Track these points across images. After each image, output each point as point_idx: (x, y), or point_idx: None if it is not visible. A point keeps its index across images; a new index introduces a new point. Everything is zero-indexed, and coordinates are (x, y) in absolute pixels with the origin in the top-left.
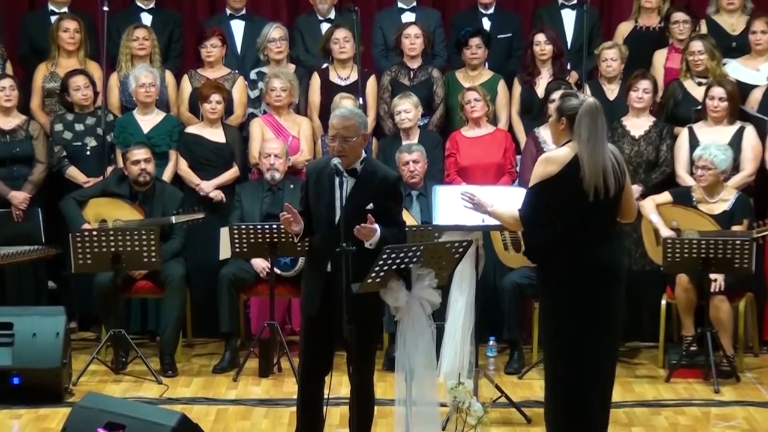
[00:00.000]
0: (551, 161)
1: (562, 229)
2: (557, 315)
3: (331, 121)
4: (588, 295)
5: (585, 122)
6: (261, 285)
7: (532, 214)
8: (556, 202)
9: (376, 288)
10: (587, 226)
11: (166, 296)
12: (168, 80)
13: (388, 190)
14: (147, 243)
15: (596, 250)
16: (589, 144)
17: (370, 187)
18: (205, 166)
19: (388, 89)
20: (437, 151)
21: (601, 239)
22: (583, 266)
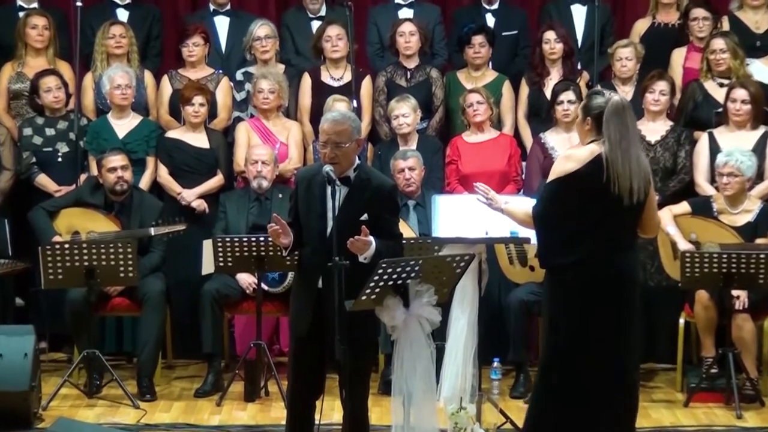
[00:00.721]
0: (571, 158)
1: (574, 230)
2: (557, 325)
3: (321, 126)
4: (595, 305)
5: (614, 123)
6: (247, 302)
7: (546, 212)
8: (572, 201)
9: (371, 305)
10: (602, 230)
11: (144, 314)
12: (147, 81)
13: (384, 200)
14: (123, 257)
15: (609, 258)
16: (622, 145)
17: (364, 197)
18: (186, 174)
19: (384, 91)
20: (437, 157)
21: (616, 247)
22: (593, 274)
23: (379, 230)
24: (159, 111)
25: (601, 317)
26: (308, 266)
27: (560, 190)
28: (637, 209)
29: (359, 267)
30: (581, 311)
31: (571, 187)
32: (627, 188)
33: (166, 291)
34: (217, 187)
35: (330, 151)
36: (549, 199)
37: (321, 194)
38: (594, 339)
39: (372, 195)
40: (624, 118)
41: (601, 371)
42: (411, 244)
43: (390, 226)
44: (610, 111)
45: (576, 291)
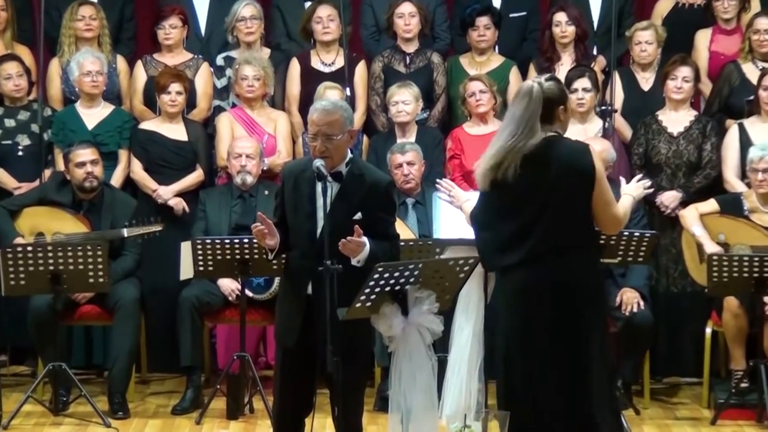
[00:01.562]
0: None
1: (507, 232)
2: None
3: (310, 116)
4: (528, 316)
5: (511, 106)
6: (229, 310)
7: (478, 211)
8: (504, 199)
9: (366, 314)
10: (538, 231)
11: (116, 323)
12: (119, 67)
13: (379, 197)
14: (93, 260)
15: (546, 262)
16: (500, 129)
17: (357, 194)
18: (163, 169)
19: (381, 78)
20: (438, 150)
21: (551, 249)
22: (525, 279)
23: (374, 231)
24: (132, 100)
25: (535, 333)
26: (296, 271)
27: (488, 193)
28: (568, 204)
29: (352, 271)
30: (514, 321)
31: (494, 186)
32: (497, 177)
33: (140, 298)
34: (196, 184)
35: (320, 144)
36: (480, 198)
37: (310, 191)
38: (528, 362)
39: (366, 192)
40: (521, 103)
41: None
42: (410, 246)
43: (386, 227)
44: (516, 95)
45: (511, 298)
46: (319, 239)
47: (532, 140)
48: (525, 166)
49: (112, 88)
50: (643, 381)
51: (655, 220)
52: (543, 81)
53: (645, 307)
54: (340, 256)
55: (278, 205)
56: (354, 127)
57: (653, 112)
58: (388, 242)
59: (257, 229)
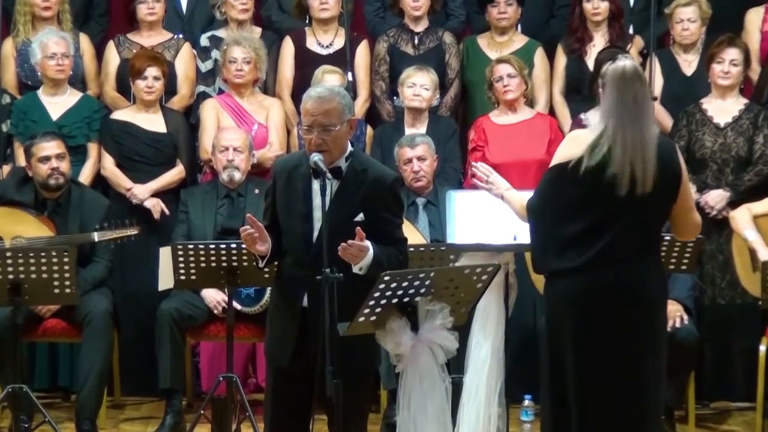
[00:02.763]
0: (577, 140)
1: (572, 230)
2: (547, 345)
3: (304, 105)
4: (585, 329)
5: (608, 91)
6: (215, 325)
7: (541, 204)
8: (573, 194)
9: (370, 329)
10: (608, 233)
11: (85, 340)
12: (84, 48)
13: (384, 196)
14: (59, 268)
15: (612, 267)
16: (612, 119)
17: (359, 192)
18: (138, 165)
19: (386, 60)
20: (452, 143)
21: (622, 253)
22: (586, 287)
23: (378, 234)
24: (103, 86)
25: (592, 346)
26: (290, 280)
27: (560, 179)
28: (652, 205)
29: (354, 280)
30: (568, 335)
31: (573, 177)
32: (623, 174)
33: (112, 311)
34: (176, 181)
35: (316, 136)
36: (544, 188)
37: (305, 190)
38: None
39: (369, 190)
40: (623, 88)
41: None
42: (420, 251)
43: (391, 229)
44: (609, 77)
45: (565, 307)
46: (316, 244)
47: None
48: None
49: (75, 73)
50: (687, 406)
51: None
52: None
53: (689, 321)
54: (339, 263)
55: (269, 205)
56: (354, 116)
57: (697, 100)
58: (394, 247)
59: (246, 232)
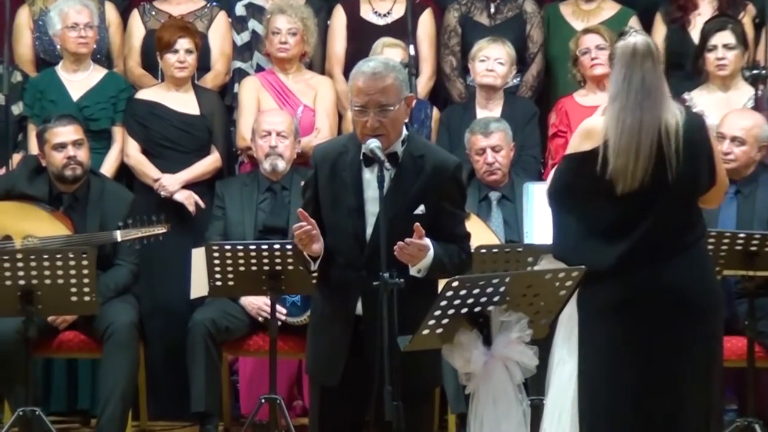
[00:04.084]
0: (589, 133)
1: (599, 226)
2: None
3: (355, 83)
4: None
5: (615, 72)
6: (255, 338)
7: (562, 193)
8: (589, 192)
9: (435, 343)
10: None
11: (107, 356)
12: (110, 18)
13: (445, 184)
14: (76, 273)
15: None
16: (616, 104)
17: (417, 181)
18: (167, 152)
19: (457, 32)
20: (530, 128)
21: (656, 252)
22: (622, 293)
23: (438, 229)
24: (126, 62)
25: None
26: (340, 285)
27: (572, 173)
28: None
29: (414, 285)
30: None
31: (585, 173)
32: (622, 168)
33: (138, 322)
34: (211, 171)
35: (372, 118)
36: (564, 178)
37: (354, 180)
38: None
39: (429, 178)
40: (631, 68)
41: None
42: (494, 254)
43: (454, 223)
44: (618, 55)
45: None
46: (371, 243)
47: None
48: None
49: (100, 47)
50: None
51: None
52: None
53: None
54: (395, 264)
55: (309, 200)
56: (412, 94)
57: None
58: (456, 245)
59: (303, 230)
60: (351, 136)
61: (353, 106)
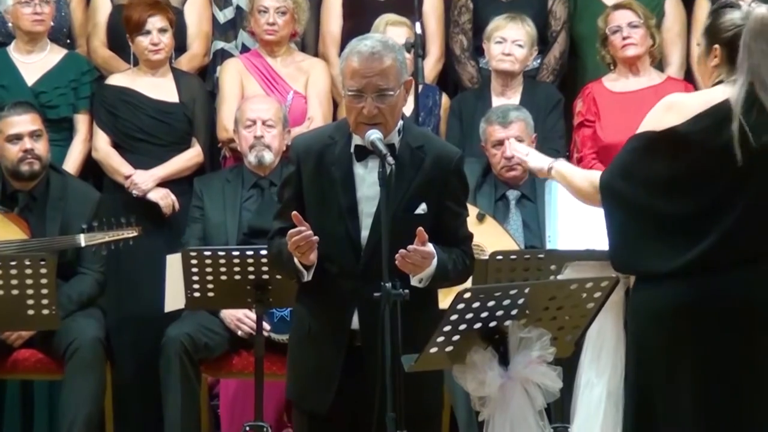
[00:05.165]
0: (674, 107)
1: (669, 217)
2: (634, 367)
3: (349, 65)
4: (700, 350)
5: (759, 47)
6: (239, 357)
7: (622, 181)
8: (669, 173)
9: (445, 363)
10: (721, 225)
11: (69, 377)
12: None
13: (447, 179)
14: (34, 283)
15: (731, 272)
16: (755, 77)
17: (417, 176)
18: (141, 145)
19: (468, 7)
20: (553, 116)
21: (746, 253)
22: (700, 296)
23: (440, 230)
24: (90, 42)
25: (710, 370)
26: (331, 297)
27: (649, 152)
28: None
29: (418, 296)
30: (672, 357)
31: (668, 152)
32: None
33: (104, 339)
34: (192, 167)
35: (370, 104)
36: (628, 161)
37: (345, 177)
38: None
39: (429, 172)
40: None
41: None
42: (511, 260)
43: (456, 224)
44: (754, 30)
45: (667, 322)
46: (367, 247)
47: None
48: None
49: (60, 24)
50: None
51: None
52: None
53: None
54: (395, 272)
55: (290, 200)
56: (410, 78)
57: None
58: (459, 249)
59: (302, 236)
60: (338, 126)
61: (347, 91)
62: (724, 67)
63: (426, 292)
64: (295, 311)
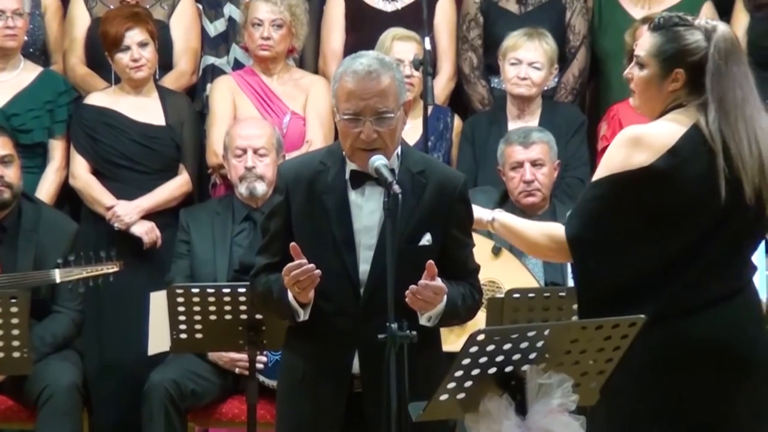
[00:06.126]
0: (642, 142)
1: (645, 263)
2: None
3: (343, 85)
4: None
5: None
6: (229, 404)
7: (594, 233)
8: (645, 216)
9: (455, 412)
10: (698, 263)
11: (42, 427)
12: (46, 4)
13: (452, 206)
14: (4, 323)
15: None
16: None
17: (419, 203)
18: (125, 173)
19: (478, 21)
20: (576, 140)
21: (723, 291)
22: (681, 342)
23: (447, 263)
24: (67, 58)
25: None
26: (328, 338)
27: (619, 197)
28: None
29: (425, 336)
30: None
31: (641, 193)
32: (752, 183)
33: (82, 385)
34: (179, 197)
35: (368, 128)
36: (596, 210)
37: (339, 206)
38: None
39: (432, 199)
40: (743, 62)
41: None
42: (530, 299)
43: (464, 255)
44: (725, 51)
45: (655, 370)
46: (368, 284)
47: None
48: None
49: (34, 38)
50: None
51: None
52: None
53: None
54: (404, 311)
55: (277, 232)
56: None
57: None
58: (467, 282)
59: (302, 270)
60: (330, 150)
61: (342, 115)
62: (683, 91)
63: (429, 330)
64: (285, 356)
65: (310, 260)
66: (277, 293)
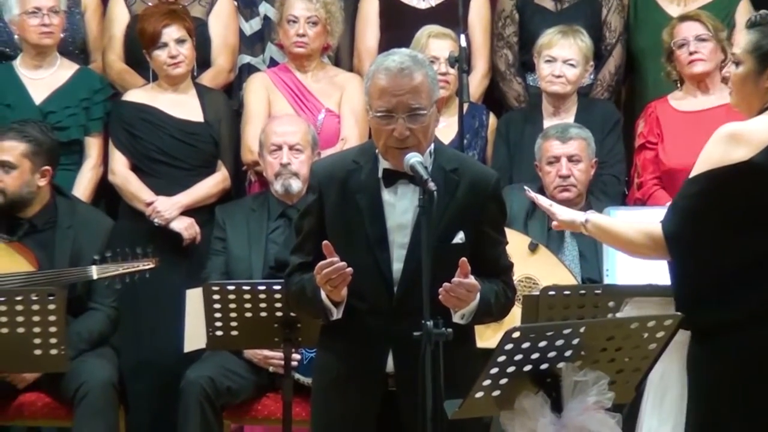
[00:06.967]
0: (740, 137)
1: (746, 264)
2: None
3: (377, 83)
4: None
5: None
6: (265, 402)
7: (691, 229)
8: (739, 211)
9: (491, 410)
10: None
11: (79, 424)
12: (86, 2)
13: (486, 204)
14: (41, 320)
15: None
16: None
17: (452, 201)
18: (164, 169)
19: (514, 19)
20: (612, 138)
21: None
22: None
23: (480, 261)
24: (106, 55)
25: None
26: (362, 337)
27: (718, 192)
28: None
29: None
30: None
31: (740, 188)
32: None
33: (118, 382)
34: (218, 193)
35: (401, 125)
36: (695, 208)
37: (373, 205)
38: None
39: (466, 197)
40: None
41: None
42: (566, 296)
43: (497, 253)
44: None
45: (748, 373)
46: (402, 282)
47: None
48: None
49: (74, 36)
50: None
51: None
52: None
53: None
54: (438, 308)
55: (311, 231)
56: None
57: None
58: (500, 280)
59: (334, 267)
60: (362, 149)
61: (375, 112)
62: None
63: (463, 327)
64: (319, 355)
65: (344, 259)
66: (310, 292)
